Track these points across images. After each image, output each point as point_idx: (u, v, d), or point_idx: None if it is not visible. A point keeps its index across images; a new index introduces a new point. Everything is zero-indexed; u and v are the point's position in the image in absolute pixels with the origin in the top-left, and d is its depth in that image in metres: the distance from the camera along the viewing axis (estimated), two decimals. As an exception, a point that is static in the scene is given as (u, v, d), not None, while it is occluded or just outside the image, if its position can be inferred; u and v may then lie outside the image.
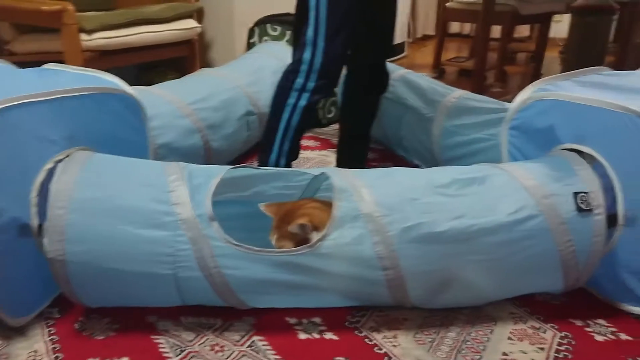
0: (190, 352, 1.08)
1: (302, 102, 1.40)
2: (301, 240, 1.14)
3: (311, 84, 1.39)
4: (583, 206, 1.14)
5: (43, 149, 1.14)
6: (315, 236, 1.13)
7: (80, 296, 1.11)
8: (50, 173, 1.11)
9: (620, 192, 1.17)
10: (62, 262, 1.04)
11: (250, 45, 2.64)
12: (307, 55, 1.38)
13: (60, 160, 1.14)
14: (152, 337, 1.12)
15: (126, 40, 2.39)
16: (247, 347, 1.10)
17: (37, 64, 1.41)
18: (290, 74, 1.41)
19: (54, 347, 1.09)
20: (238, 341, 1.12)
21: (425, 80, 2.05)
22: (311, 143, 2.31)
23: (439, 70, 3.76)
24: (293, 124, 1.42)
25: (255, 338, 1.13)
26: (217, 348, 1.10)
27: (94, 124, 1.27)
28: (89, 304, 1.16)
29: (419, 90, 1.98)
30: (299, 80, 1.40)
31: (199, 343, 1.11)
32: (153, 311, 1.19)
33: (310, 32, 1.36)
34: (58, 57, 2.20)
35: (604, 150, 1.20)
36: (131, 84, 1.39)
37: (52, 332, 1.13)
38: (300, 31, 1.42)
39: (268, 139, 1.47)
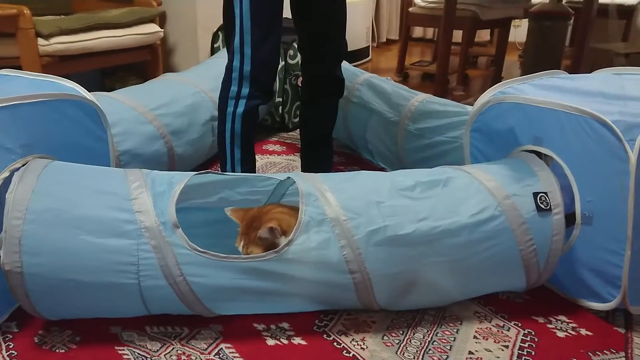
0: (155, 363, 1.07)
1: (240, 109, 1.42)
2: (269, 245, 1.14)
3: (245, 91, 1.41)
4: (543, 206, 1.17)
5: (-2, 158, 1.11)
6: (283, 241, 1.12)
7: (39, 309, 1.07)
8: (6, 182, 1.08)
9: (577, 191, 1.21)
10: (20, 275, 1.01)
11: (214, 50, 2.62)
12: (236, 63, 1.40)
13: (16, 169, 1.10)
14: (117, 348, 1.10)
15: (85, 45, 2.34)
16: (215, 355, 1.09)
17: (-8, 69, 1.37)
18: (225, 82, 1.43)
19: (13, 363, 1.05)
20: (205, 349, 1.11)
21: (389, 84, 2.07)
22: (277, 148, 2.30)
23: (403, 74, 3.81)
24: (237, 131, 1.44)
25: (222, 346, 1.12)
26: (183, 357, 1.08)
27: (51, 131, 1.24)
28: (48, 316, 1.12)
29: (383, 94, 2.00)
30: (233, 88, 1.41)
31: (165, 353, 1.09)
32: (117, 322, 1.16)
33: (236, 40, 1.38)
34: (15, 63, 2.13)
35: (561, 151, 1.24)
36: (95, 90, 1.36)
37: (10, 346, 1.09)
38: (229, 39, 1.43)
39: (220, 149, 1.50)
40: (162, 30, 2.75)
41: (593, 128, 1.16)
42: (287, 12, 1.54)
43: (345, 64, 2.33)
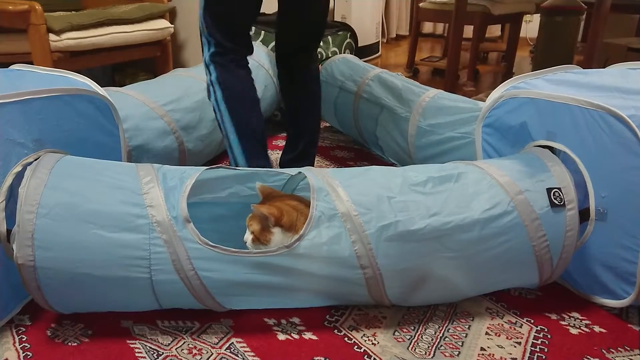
0: (167, 356, 1.07)
1: (213, 75, 1.41)
2: (262, 228, 1.14)
3: (211, 50, 1.41)
4: (556, 202, 1.16)
5: (11, 152, 1.11)
6: (277, 230, 1.13)
7: (51, 303, 1.08)
8: (19, 177, 1.08)
9: (591, 187, 1.19)
10: (32, 268, 1.01)
11: (224, 46, 2.62)
12: (200, 24, 1.43)
13: (29, 163, 1.11)
14: (128, 341, 1.10)
15: (96, 40, 2.35)
16: (226, 349, 1.09)
17: (4, 65, 1.37)
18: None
19: (26, 355, 1.06)
20: (216, 344, 1.11)
21: (400, 79, 2.06)
22: (287, 143, 2.30)
23: (413, 70, 3.79)
24: (220, 101, 1.42)
25: (233, 340, 1.12)
26: (194, 351, 1.08)
27: (63, 126, 1.24)
28: (61, 310, 1.13)
29: (394, 90, 1.99)
30: (205, 54, 1.42)
31: (176, 347, 1.09)
32: (128, 316, 1.17)
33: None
34: (26, 59, 2.15)
35: (575, 146, 1.22)
36: (105, 85, 1.37)
37: (23, 339, 1.10)
38: None
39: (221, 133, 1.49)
40: (172, 26, 2.76)
41: (608, 123, 1.14)
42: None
43: (355, 59, 2.34)
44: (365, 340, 1.12)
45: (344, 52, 2.58)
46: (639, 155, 1.09)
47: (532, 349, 1.11)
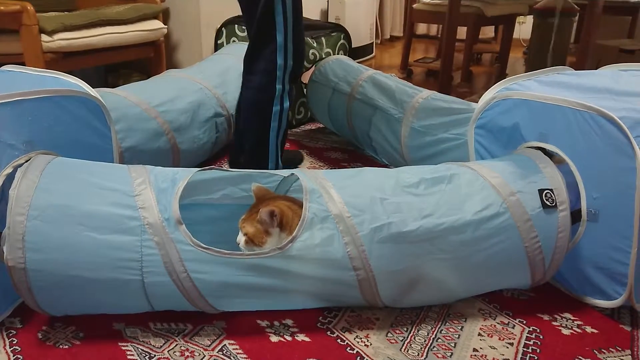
0: (159, 359, 1.06)
1: None
2: (263, 230, 1.14)
3: None
4: (548, 203, 1.17)
5: (1, 153, 1.11)
6: (276, 231, 1.13)
7: (42, 305, 1.07)
8: (10, 178, 1.08)
9: (583, 188, 1.20)
10: (23, 271, 1.00)
11: (218, 46, 2.62)
12: None
13: (19, 165, 1.10)
14: (120, 344, 1.10)
15: (89, 41, 2.34)
16: (218, 351, 1.09)
17: (-4, 66, 1.37)
18: None
19: (17, 358, 1.05)
20: (209, 346, 1.10)
21: (393, 80, 2.06)
22: (281, 144, 2.29)
23: (406, 71, 3.79)
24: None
25: (226, 342, 1.11)
26: (187, 354, 1.08)
27: (55, 127, 1.23)
28: (52, 312, 1.12)
29: (387, 91, 1.99)
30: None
31: (169, 349, 1.09)
32: (120, 318, 1.16)
33: None
34: (18, 59, 2.14)
35: (567, 147, 1.23)
36: (98, 86, 1.36)
37: (14, 342, 1.09)
38: None
39: None
40: (166, 26, 2.75)
41: (599, 124, 1.15)
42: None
43: (348, 61, 2.34)
44: (358, 342, 1.12)
45: (338, 53, 2.58)
46: (630, 157, 1.09)
47: (525, 349, 1.11)
